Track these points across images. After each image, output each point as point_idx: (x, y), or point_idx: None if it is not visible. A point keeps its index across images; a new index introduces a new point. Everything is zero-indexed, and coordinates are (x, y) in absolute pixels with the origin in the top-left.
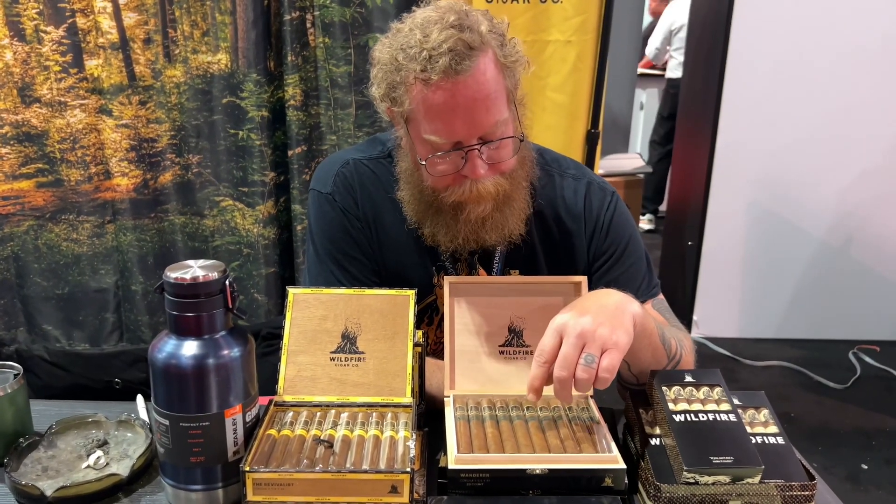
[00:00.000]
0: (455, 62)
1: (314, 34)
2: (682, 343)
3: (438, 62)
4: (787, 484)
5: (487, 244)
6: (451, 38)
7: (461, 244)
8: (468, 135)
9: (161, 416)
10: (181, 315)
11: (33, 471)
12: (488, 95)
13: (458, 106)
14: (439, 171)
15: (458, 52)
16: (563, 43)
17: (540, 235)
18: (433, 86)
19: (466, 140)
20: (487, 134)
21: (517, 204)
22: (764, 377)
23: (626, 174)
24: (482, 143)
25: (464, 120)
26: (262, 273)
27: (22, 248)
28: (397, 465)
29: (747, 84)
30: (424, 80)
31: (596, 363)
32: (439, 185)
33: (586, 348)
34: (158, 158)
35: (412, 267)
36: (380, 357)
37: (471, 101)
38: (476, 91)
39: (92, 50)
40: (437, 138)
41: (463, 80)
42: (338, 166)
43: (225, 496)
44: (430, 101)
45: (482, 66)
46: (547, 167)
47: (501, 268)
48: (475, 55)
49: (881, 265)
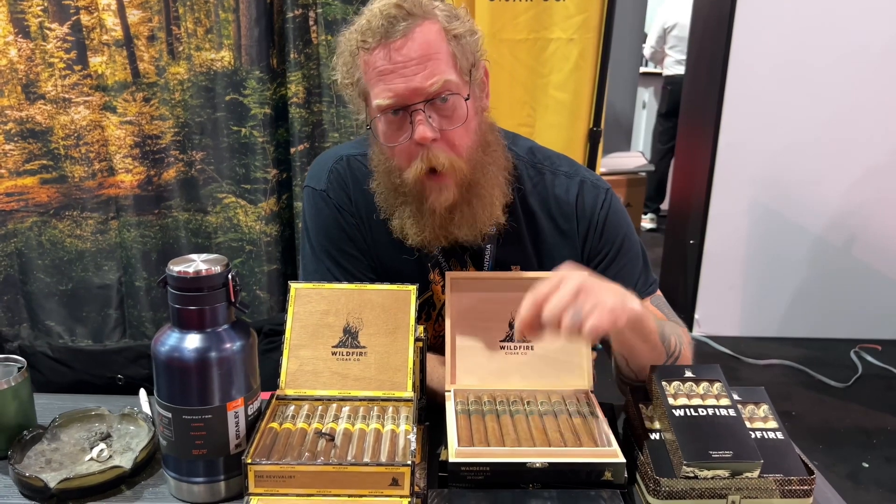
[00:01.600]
0: (390, 24)
1: (317, 32)
2: (680, 339)
3: (374, 26)
4: (786, 478)
5: (459, 240)
6: (388, 6)
7: (429, 239)
8: (409, 93)
9: (164, 409)
10: (184, 308)
11: (37, 463)
12: (426, 55)
13: (396, 64)
14: (391, 138)
15: (394, 17)
16: (566, 41)
17: (532, 235)
18: (372, 50)
19: (409, 99)
20: (430, 94)
21: (486, 193)
22: (765, 376)
23: (629, 172)
24: (425, 103)
25: (401, 76)
26: (264, 270)
27: (26, 245)
28: (398, 458)
29: (749, 83)
30: (366, 48)
31: (581, 318)
32: (399, 162)
33: (580, 299)
34: (162, 155)
35: (406, 262)
36: (381, 352)
37: (407, 60)
38: (413, 50)
39: (96, 47)
40: (382, 100)
41: (400, 40)
42: (331, 162)
43: (227, 488)
44: (371, 65)
45: (421, 30)
46: (539, 165)
47: (492, 266)
48: (413, 20)
49: (883, 264)
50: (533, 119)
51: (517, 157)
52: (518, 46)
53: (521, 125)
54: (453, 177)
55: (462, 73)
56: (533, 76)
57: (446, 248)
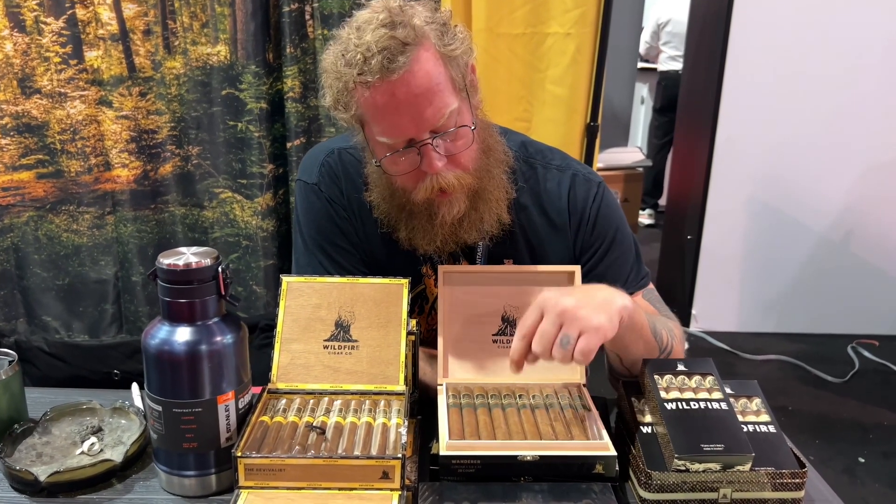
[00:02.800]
0: (388, 61)
1: (313, 26)
2: (672, 333)
3: (372, 63)
4: (778, 472)
5: (468, 242)
6: (382, 38)
7: (440, 247)
8: (417, 130)
9: (154, 402)
10: (174, 301)
11: (27, 456)
12: (429, 88)
13: (401, 103)
14: (398, 170)
15: (391, 50)
16: (563, 35)
17: (523, 229)
18: (372, 88)
19: (417, 136)
20: (437, 127)
21: (492, 196)
22: (762, 371)
23: (626, 168)
24: (434, 136)
25: (409, 116)
26: (260, 265)
27: (22, 239)
28: (389, 451)
29: (747, 79)
30: (364, 84)
31: (572, 345)
32: (404, 184)
33: (564, 328)
34: (158, 150)
35: (399, 256)
36: (373, 345)
37: (412, 97)
38: (415, 86)
39: (92, 41)
40: (388, 139)
41: (400, 77)
42: (323, 156)
43: (218, 482)
44: (372, 104)
45: (419, 61)
46: (531, 159)
47: (485, 261)
48: (409, 50)
49: (880, 260)
50: (530, 114)
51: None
52: (515, 41)
53: (518, 120)
54: (462, 191)
55: (459, 90)
56: (530, 71)
57: None
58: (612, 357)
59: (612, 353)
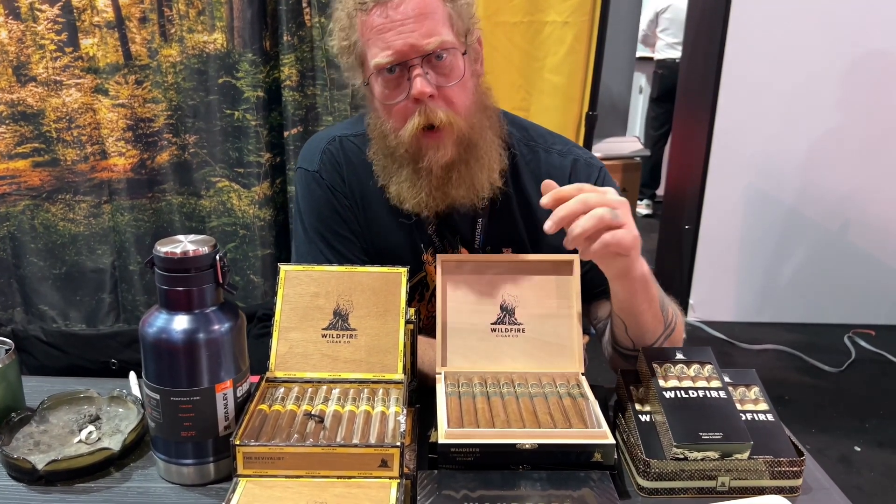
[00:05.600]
0: None
1: (310, 14)
2: (676, 313)
3: None
4: (776, 460)
5: (457, 202)
6: None
7: (426, 201)
8: (406, 49)
9: (152, 391)
10: (171, 289)
11: (25, 445)
12: (423, 13)
13: (394, 22)
14: (388, 97)
15: None
16: (561, 24)
17: (523, 211)
18: (370, 11)
19: (407, 55)
20: (427, 52)
21: (484, 156)
22: (759, 360)
23: (624, 157)
24: (423, 58)
25: (399, 34)
26: (257, 254)
27: (18, 228)
28: (388, 439)
29: (745, 68)
30: (362, 9)
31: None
32: (395, 122)
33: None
34: (155, 138)
35: (400, 243)
36: (371, 334)
37: (405, 17)
38: (410, 8)
39: (87, 29)
40: (380, 58)
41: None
42: (324, 143)
43: (216, 470)
44: (368, 25)
45: None
46: (532, 143)
47: (483, 241)
48: None
49: (877, 250)
50: (528, 103)
51: (511, 134)
52: (513, 29)
53: (516, 109)
54: (450, 134)
55: (458, 34)
56: (528, 59)
57: (439, 222)
58: (619, 326)
59: (619, 320)
